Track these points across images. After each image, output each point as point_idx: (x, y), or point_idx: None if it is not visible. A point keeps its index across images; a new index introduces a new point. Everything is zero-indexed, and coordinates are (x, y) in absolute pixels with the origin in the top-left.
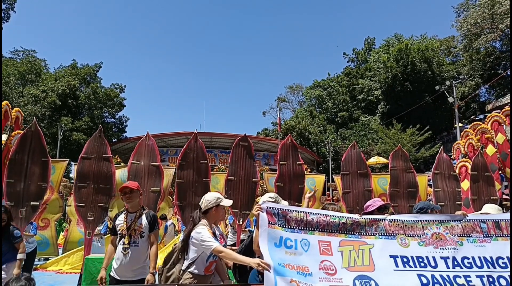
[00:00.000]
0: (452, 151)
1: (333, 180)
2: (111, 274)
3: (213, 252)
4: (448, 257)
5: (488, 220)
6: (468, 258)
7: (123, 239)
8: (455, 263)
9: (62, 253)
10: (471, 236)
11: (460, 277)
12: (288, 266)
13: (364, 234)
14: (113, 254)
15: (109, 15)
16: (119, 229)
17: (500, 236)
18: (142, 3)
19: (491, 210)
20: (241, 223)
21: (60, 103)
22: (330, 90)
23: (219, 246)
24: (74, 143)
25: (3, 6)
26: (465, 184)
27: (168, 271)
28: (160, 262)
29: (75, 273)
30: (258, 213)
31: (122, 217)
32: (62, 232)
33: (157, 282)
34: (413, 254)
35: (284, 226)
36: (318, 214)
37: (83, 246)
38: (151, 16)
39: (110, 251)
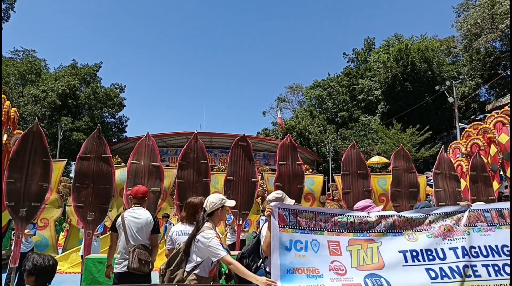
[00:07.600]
0: (448, 150)
1: (333, 180)
2: (117, 270)
3: (222, 261)
4: (457, 247)
5: (491, 209)
6: (475, 248)
7: None
8: (465, 252)
9: (62, 253)
10: (476, 226)
11: (468, 266)
12: (297, 270)
13: (373, 232)
14: (114, 252)
15: (109, 16)
16: None
17: (504, 225)
18: (142, 3)
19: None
20: (240, 223)
21: (60, 103)
22: (330, 90)
23: (228, 256)
24: (74, 143)
25: (3, 6)
26: (462, 184)
27: (172, 273)
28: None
29: (75, 273)
30: (270, 216)
31: None
32: (62, 232)
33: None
34: (422, 247)
35: (295, 227)
36: (327, 214)
37: (81, 246)
38: (151, 16)
39: (112, 249)
